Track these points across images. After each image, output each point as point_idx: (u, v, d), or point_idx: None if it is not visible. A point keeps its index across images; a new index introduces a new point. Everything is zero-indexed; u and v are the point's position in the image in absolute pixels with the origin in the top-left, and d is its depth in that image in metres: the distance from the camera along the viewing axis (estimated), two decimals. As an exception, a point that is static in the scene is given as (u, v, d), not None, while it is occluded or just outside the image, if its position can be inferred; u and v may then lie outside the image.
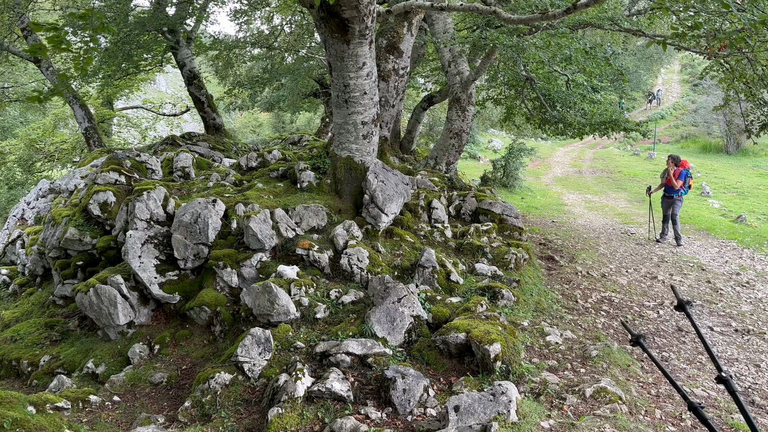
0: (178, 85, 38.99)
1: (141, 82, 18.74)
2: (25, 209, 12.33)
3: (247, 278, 6.52)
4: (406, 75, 10.03)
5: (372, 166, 7.65)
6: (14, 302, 9.82)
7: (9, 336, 8.08)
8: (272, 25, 18.21)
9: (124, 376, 6.00)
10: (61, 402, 5.30)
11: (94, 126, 16.18)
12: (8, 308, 9.62)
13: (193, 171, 9.23)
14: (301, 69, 17.57)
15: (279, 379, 4.76)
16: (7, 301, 10.13)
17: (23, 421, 4.54)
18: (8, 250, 11.75)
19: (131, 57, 12.42)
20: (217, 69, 17.89)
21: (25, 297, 9.68)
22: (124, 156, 8.92)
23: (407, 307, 5.48)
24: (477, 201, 8.78)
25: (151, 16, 12.38)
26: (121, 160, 8.76)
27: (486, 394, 3.73)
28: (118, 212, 7.81)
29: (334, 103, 7.57)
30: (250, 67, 20.40)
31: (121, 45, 11.40)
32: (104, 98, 19.13)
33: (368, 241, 7.05)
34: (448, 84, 11.39)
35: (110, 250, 7.96)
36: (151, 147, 13.57)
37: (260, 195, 7.69)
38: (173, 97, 24.78)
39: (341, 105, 7.47)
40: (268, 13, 18.23)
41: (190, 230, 6.81)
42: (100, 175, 8.47)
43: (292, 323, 5.69)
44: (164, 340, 6.42)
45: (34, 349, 7.46)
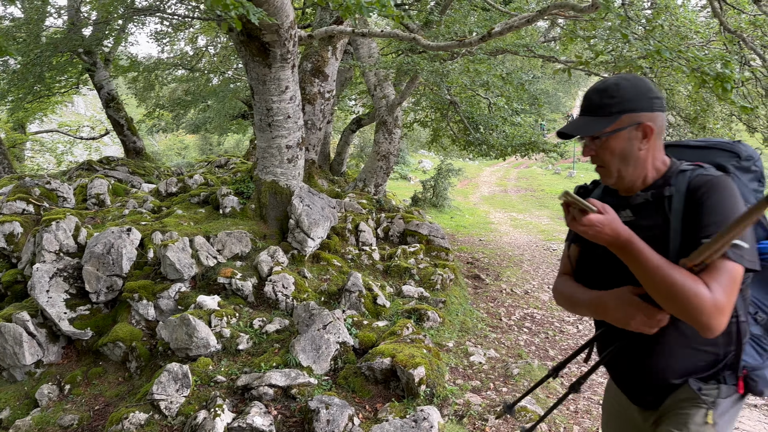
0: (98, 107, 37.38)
1: (56, 104, 17.81)
2: None
3: (165, 310, 6.23)
4: (333, 98, 10.04)
5: (297, 190, 7.56)
6: None
7: None
8: (196, 46, 17.85)
9: (30, 420, 5.55)
10: (-47, 457, 4.84)
11: (3, 151, 15.18)
12: None
13: (108, 198, 8.80)
14: (227, 90, 17.28)
15: (197, 417, 4.54)
16: None
17: None
18: None
19: (44, 79, 11.79)
20: (137, 91, 17.30)
21: None
22: (32, 184, 8.40)
23: (333, 333, 5.40)
24: (404, 223, 8.84)
25: (66, 37, 11.83)
26: (30, 188, 8.24)
27: (408, 421, 3.69)
28: (25, 244, 7.32)
29: (258, 126, 7.46)
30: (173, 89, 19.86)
31: (32, 67, 10.80)
32: (15, 122, 18.04)
33: (294, 267, 6.93)
34: (375, 107, 11.50)
35: (17, 284, 7.41)
36: (66, 173, 12.88)
37: (180, 222, 7.42)
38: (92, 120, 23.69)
39: (265, 129, 7.37)
40: (192, 35, 17.86)
41: (103, 261, 6.45)
42: (5, 204, 7.93)
43: (213, 356, 5.48)
44: (75, 379, 6.01)
45: (-73, 396, 6.80)
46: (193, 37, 18.13)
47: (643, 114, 1.70)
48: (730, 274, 1.54)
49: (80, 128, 20.89)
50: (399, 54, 12.35)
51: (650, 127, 1.70)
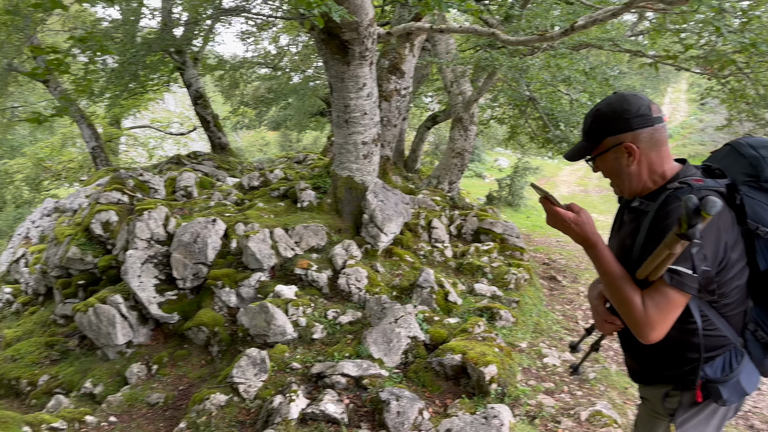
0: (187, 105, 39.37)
1: (149, 101, 18.95)
2: (30, 228, 12.42)
3: (246, 298, 6.52)
4: (408, 95, 10.09)
5: (372, 186, 7.67)
6: (17, 321, 9.84)
7: (10, 355, 8.09)
8: (279, 45, 18.43)
9: (121, 396, 5.98)
10: (57, 422, 5.30)
11: (101, 145, 16.34)
12: (11, 327, 9.64)
13: (195, 190, 9.29)
14: (307, 89, 17.74)
15: (274, 401, 4.73)
16: (10, 320, 10.16)
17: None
18: (12, 268, 11.81)
19: (138, 77, 12.58)
20: (223, 89, 18.08)
21: (27, 316, 9.70)
22: (127, 176, 9.00)
23: (404, 328, 5.45)
24: (478, 220, 8.76)
25: (159, 37, 12.57)
26: (124, 180, 8.83)
27: (478, 418, 3.68)
28: (120, 232, 7.86)
29: (335, 123, 7.63)
30: (257, 86, 20.61)
31: (128, 65, 11.56)
32: (112, 118, 19.36)
33: (367, 261, 7.04)
34: (451, 104, 11.45)
35: (111, 269, 7.98)
36: (157, 166, 13.68)
37: (261, 214, 7.72)
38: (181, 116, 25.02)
39: (342, 125, 7.52)
40: (275, 34, 18.45)
41: (190, 250, 6.83)
42: (102, 194, 8.54)
43: (289, 344, 5.67)
44: (162, 360, 6.41)
45: (34, 369, 7.46)
46: (275, 37, 18.71)
47: (625, 135, 1.86)
48: (664, 295, 1.72)
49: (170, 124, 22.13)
50: (477, 50, 12.22)
51: (631, 146, 1.86)
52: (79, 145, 21.85)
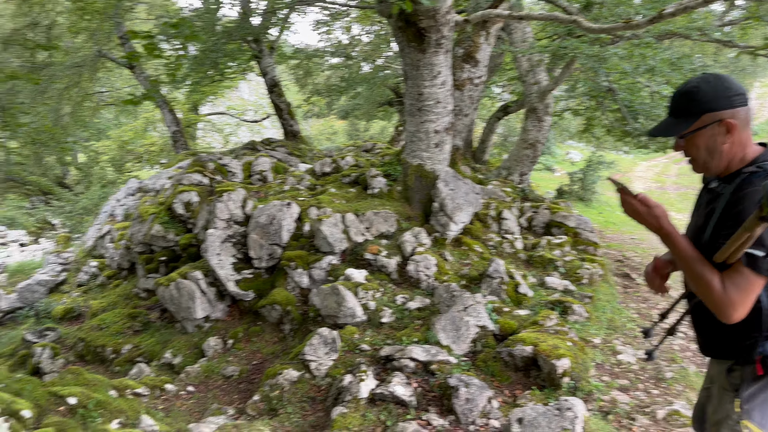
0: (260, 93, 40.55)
1: (226, 89, 19.65)
2: (115, 206, 13.21)
3: (317, 280, 6.69)
4: (482, 84, 9.97)
5: (443, 174, 7.67)
6: (102, 293, 10.53)
7: (96, 324, 8.67)
8: (351, 35, 18.62)
9: (198, 367, 6.31)
10: (140, 388, 5.65)
11: (180, 130, 17.12)
12: (96, 298, 10.33)
13: (270, 175, 9.59)
14: (377, 78, 17.85)
15: (344, 380, 4.86)
16: (96, 292, 10.87)
17: (106, 403, 4.87)
18: (98, 243, 12.61)
19: (218, 65, 13.06)
20: (297, 77, 18.48)
21: (111, 288, 10.35)
22: (207, 159, 9.40)
23: (473, 316, 5.45)
24: (550, 213, 8.58)
25: (237, 26, 12.99)
26: (205, 163, 9.23)
27: (551, 409, 3.65)
28: (200, 212, 8.23)
29: (408, 111, 7.66)
30: (329, 75, 20.93)
31: (209, 53, 12.03)
32: (191, 104, 20.21)
33: (436, 249, 7.06)
34: (525, 94, 11.23)
35: (191, 247, 8.39)
36: (233, 151, 14.18)
37: (332, 200, 7.88)
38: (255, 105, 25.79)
39: (414, 113, 7.55)
40: (348, 24, 18.65)
41: (266, 231, 7.08)
42: (185, 176, 8.96)
43: (358, 326, 5.79)
44: (237, 335, 6.69)
45: (118, 338, 7.97)
46: (348, 26, 18.92)
47: (724, 112, 1.89)
48: (744, 276, 1.78)
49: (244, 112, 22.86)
50: (555, 38, 11.90)
51: (732, 123, 1.88)
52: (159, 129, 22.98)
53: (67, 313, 9.97)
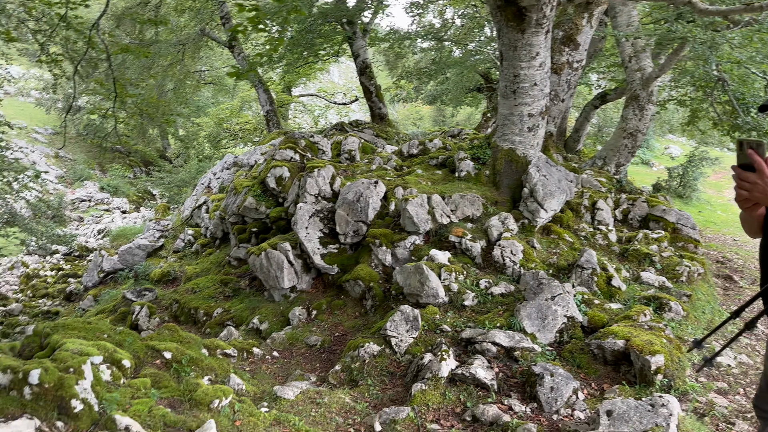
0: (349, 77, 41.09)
1: (318, 71, 20.04)
2: (211, 179, 13.87)
3: (400, 258, 6.71)
4: (581, 69, 9.55)
5: (534, 160, 7.43)
6: (196, 259, 11.12)
7: (190, 288, 9.17)
8: (444, 18, 18.40)
9: (284, 334, 6.51)
10: (229, 349, 5.90)
11: (274, 110, 17.67)
12: (191, 264, 10.92)
13: (358, 154, 9.69)
14: (467, 62, 17.56)
15: (424, 358, 4.84)
16: (190, 258, 11.50)
17: (198, 360, 5.13)
18: (195, 213, 13.31)
19: (312, 46, 13.33)
20: (389, 60, 18.53)
21: (205, 256, 10.90)
22: (299, 136, 9.63)
23: (561, 306, 5.26)
24: (648, 206, 8.12)
25: (334, 7, 13.18)
26: (297, 140, 9.46)
27: (644, 404, 3.45)
28: (291, 186, 8.46)
29: (501, 93, 7.46)
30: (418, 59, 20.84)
31: (305, 34, 12.28)
32: (285, 85, 20.79)
33: (523, 236, 6.87)
34: (627, 81, 10.64)
35: (281, 220, 8.65)
36: (322, 131, 14.48)
37: (419, 181, 7.85)
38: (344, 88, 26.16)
39: (509, 95, 7.34)
40: (441, 7, 18.44)
41: (352, 208, 7.16)
42: (278, 151, 9.23)
43: (440, 306, 5.75)
44: (321, 307, 6.85)
45: (210, 302, 8.38)
46: (441, 9, 18.71)
47: None
48: None
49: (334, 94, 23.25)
50: (662, 23, 11.17)
51: None
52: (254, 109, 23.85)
53: (164, 277, 10.62)
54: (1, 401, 3.73)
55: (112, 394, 4.10)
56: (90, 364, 4.15)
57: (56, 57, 8.82)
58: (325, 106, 24.23)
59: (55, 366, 3.95)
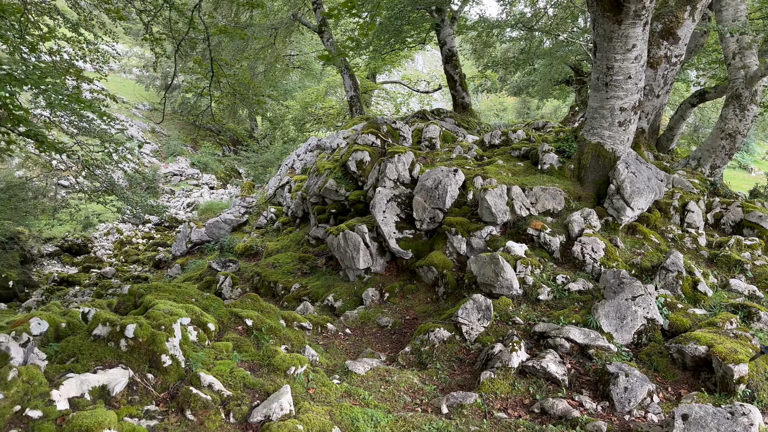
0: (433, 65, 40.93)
1: (403, 58, 20.11)
2: (295, 160, 14.32)
3: (475, 248, 6.70)
4: (679, 64, 9.06)
5: (623, 156, 7.17)
6: (277, 236, 11.56)
7: (271, 262, 9.57)
8: (536, 7, 17.91)
9: (356, 313, 6.70)
10: (305, 323, 6.14)
11: (358, 95, 17.93)
12: (272, 240, 11.38)
13: (438, 142, 9.70)
14: (558, 53, 17.06)
15: (494, 348, 4.85)
16: (272, 235, 11.97)
17: (276, 330, 5.38)
18: (278, 192, 13.81)
19: (400, 33, 13.39)
20: (476, 48, 18.30)
21: (285, 233, 11.32)
22: (382, 122, 9.76)
23: (641, 307, 5.09)
24: (743, 212, 7.64)
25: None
26: (380, 125, 9.59)
27: (723, 411, 3.31)
28: (371, 171, 8.62)
29: (593, 85, 7.24)
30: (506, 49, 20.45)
31: (394, 20, 12.36)
32: (369, 71, 21.01)
33: (606, 234, 6.67)
34: (729, 78, 9.99)
35: (359, 203, 8.85)
36: (404, 119, 14.56)
37: (499, 171, 7.77)
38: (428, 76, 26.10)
39: (600, 88, 7.11)
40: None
41: (430, 195, 7.21)
42: (360, 136, 9.41)
43: (513, 299, 5.71)
44: (394, 290, 6.97)
45: (288, 277, 8.72)
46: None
47: None
48: None
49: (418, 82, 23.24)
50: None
51: None
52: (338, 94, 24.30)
53: (247, 250, 11.12)
54: (100, 350, 4.10)
55: (197, 354, 4.39)
56: (179, 324, 4.47)
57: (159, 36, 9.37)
58: (408, 94, 24.29)
59: (148, 323, 4.28)
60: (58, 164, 20.00)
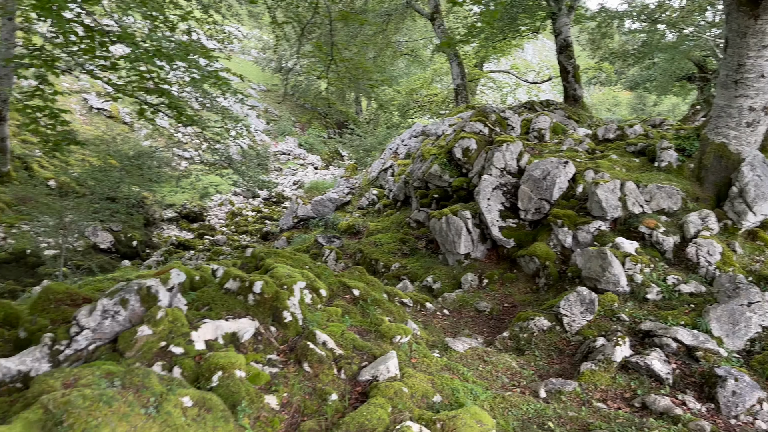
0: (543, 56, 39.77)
1: (513, 47, 19.80)
2: (399, 145, 14.64)
3: (581, 242, 6.65)
4: (823, 62, 8.34)
5: (749, 158, 6.78)
6: (378, 217, 11.96)
7: (372, 241, 9.96)
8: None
9: (455, 296, 6.89)
10: (406, 299, 6.42)
11: (464, 84, 17.91)
12: (373, 221, 11.79)
13: (548, 134, 9.59)
14: (681, 48, 16.11)
15: (596, 341, 4.87)
16: (372, 216, 12.39)
17: (380, 302, 5.69)
18: (381, 176, 14.21)
19: (514, 21, 13.24)
20: (593, 39, 17.65)
21: (386, 215, 11.68)
22: (491, 110, 9.79)
23: (757, 314, 4.89)
24: None
25: (540, -19, 12.91)
26: (488, 114, 9.64)
27: None
28: (477, 158, 8.71)
29: (720, 83, 6.88)
30: (625, 41, 19.54)
31: (509, 8, 12.24)
32: (478, 59, 20.87)
33: (723, 237, 6.38)
34: None
35: (462, 190, 8.98)
36: (511, 108, 14.42)
37: (612, 166, 7.61)
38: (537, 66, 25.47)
39: (729, 86, 6.75)
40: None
41: (537, 185, 7.22)
42: (467, 123, 9.51)
43: (619, 295, 5.65)
44: (493, 276, 7.09)
45: (389, 256, 9.06)
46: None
47: None
48: None
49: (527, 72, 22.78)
50: None
51: None
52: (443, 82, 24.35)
53: (349, 229, 11.61)
54: (230, 302, 4.59)
55: (313, 314, 4.79)
56: (299, 286, 4.88)
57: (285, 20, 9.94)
58: (515, 84, 23.88)
59: (273, 282, 4.72)
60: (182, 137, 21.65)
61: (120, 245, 13.72)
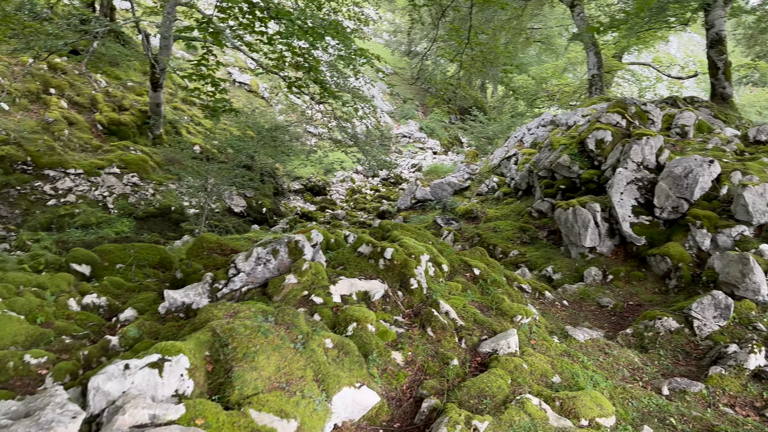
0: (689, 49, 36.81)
1: (657, 40, 18.57)
2: (525, 134, 14.40)
3: (720, 246, 6.28)
4: None
5: None
6: (496, 205, 11.93)
7: (491, 226, 10.00)
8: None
9: (576, 288, 6.81)
10: (524, 285, 6.46)
11: (600, 74, 17.13)
12: (491, 208, 11.78)
13: (692, 131, 9.03)
14: None
15: (728, 347, 4.66)
16: (491, 203, 12.37)
17: (499, 283, 5.78)
18: (503, 164, 14.09)
19: (663, 11, 12.46)
20: (752, 34, 16.14)
21: (505, 203, 11.63)
22: (631, 102, 9.39)
23: None
24: None
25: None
26: (627, 106, 9.25)
27: None
28: (612, 151, 8.43)
29: None
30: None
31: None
32: (617, 50, 19.83)
33: None
34: None
35: (591, 183, 8.74)
36: (652, 103, 13.65)
37: (763, 169, 7.06)
38: (682, 61, 23.67)
39: None
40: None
41: (677, 183, 6.88)
42: (604, 114, 9.20)
43: (758, 304, 5.32)
44: (619, 273, 6.90)
45: (507, 243, 9.07)
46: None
47: None
48: None
49: (670, 66, 21.26)
50: None
51: None
52: (577, 71, 23.40)
53: (467, 213, 11.70)
54: (363, 264, 4.91)
55: (436, 286, 5.00)
56: (425, 257, 5.12)
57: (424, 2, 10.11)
58: (655, 78, 22.37)
59: (402, 250, 4.98)
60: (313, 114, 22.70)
61: (251, 210, 14.80)
